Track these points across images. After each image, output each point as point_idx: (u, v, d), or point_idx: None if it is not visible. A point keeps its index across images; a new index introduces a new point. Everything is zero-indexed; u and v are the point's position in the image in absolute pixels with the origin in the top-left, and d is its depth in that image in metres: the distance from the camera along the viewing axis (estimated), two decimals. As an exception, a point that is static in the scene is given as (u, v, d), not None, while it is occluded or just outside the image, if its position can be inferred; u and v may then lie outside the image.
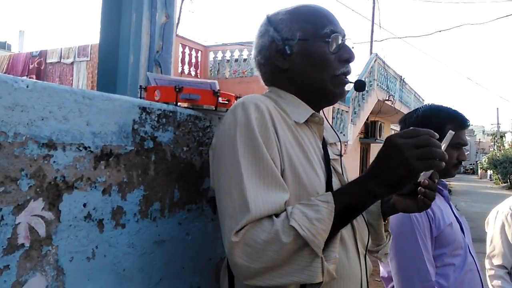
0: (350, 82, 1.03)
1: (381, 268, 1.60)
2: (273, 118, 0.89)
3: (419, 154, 0.76)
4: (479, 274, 1.51)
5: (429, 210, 1.43)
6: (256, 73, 1.10)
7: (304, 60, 0.99)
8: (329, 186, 0.92)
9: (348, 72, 1.02)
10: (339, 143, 1.10)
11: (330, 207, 0.79)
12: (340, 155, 1.08)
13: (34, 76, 9.89)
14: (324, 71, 0.98)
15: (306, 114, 0.98)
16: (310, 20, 0.99)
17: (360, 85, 1.03)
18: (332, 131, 1.11)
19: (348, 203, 0.81)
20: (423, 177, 0.93)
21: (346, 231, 0.92)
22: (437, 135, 0.79)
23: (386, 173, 0.78)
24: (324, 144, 1.02)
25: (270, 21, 1.03)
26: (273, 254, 0.76)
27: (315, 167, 0.92)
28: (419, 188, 0.93)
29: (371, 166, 0.82)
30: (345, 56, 1.00)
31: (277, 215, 0.80)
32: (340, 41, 0.99)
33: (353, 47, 1.02)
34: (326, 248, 0.80)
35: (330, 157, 1.00)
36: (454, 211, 1.57)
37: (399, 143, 0.77)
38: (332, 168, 0.99)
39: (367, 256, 0.99)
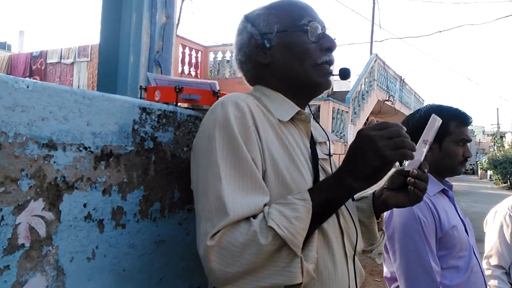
0: (334, 75, 1.00)
1: (384, 268, 1.59)
2: (254, 117, 0.87)
3: (392, 144, 0.76)
4: (483, 276, 1.50)
5: (434, 211, 1.42)
6: (240, 74, 1.07)
7: (284, 52, 0.97)
8: None
9: (331, 61, 0.99)
10: (329, 142, 1.06)
11: (308, 204, 0.78)
12: (329, 155, 1.05)
13: (37, 78, 9.89)
14: (305, 61, 0.96)
15: (291, 111, 0.95)
16: (287, 12, 0.98)
17: (344, 73, 1.01)
18: (322, 130, 1.08)
19: (325, 199, 0.80)
20: (410, 166, 0.91)
21: (333, 233, 0.89)
22: (405, 128, 0.79)
23: (360, 165, 0.78)
24: (313, 143, 1.00)
25: (247, 18, 1.01)
26: (251, 257, 0.74)
27: (300, 167, 0.89)
28: (408, 179, 0.92)
29: (345, 160, 0.81)
30: (326, 45, 0.97)
31: (254, 217, 0.78)
32: (319, 31, 0.97)
33: (335, 38, 1.00)
34: (305, 247, 0.78)
35: (319, 157, 0.98)
36: (459, 212, 1.56)
37: (372, 135, 0.77)
38: (320, 168, 0.96)
39: (356, 259, 0.96)
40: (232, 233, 0.76)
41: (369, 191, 1.09)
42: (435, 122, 0.93)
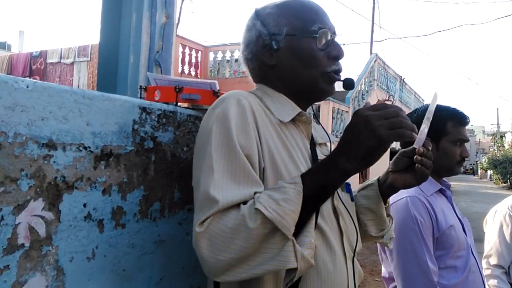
0: (340, 80, 1.00)
1: (382, 268, 1.59)
2: (255, 114, 0.87)
3: (388, 124, 0.75)
4: (481, 275, 1.50)
5: (431, 210, 1.43)
6: (245, 69, 1.07)
7: (291, 56, 0.96)
8: None
9: (339, 70, 0.98)
10: (330, 143, 1.06)
11: (298, 187, 0.77)
12: None
13: (37, 77, 9.89)
14: (312, 68, 0.95)
15: (292, 113, 0.95)
16: (298, 15, 0.96)
17: (348, 84, 1.00)
18: (323, 131, 1.08)
19: (318, 182, 0.79)
20: (416, 145, 0.93)
21: (332, 234, 0.89)
22: (405, 111, 0.78)
23: (355, 146, 0.76)
24: (313, 144, 1.00)
25: (258, 15, 1.00)
26: (242, 242, 0.73)
27: (300, 167, 0.88)
28: (415, 157, 0.93)
29: (340, 142, 0.80)
30: (334, 53, 0.96)
31: (245, 203, 0.77)
32: (329, 37, 0.96)
33: (343, 44, 1.00)
34: (300, 234, 0.77)
35: (319, 158, 0.97)
36: (457, 211, 1.57)
37: (368, 114, 0.76)
38: None
39: (355, 260, 0.96)
40: (222, 219, 0.75)
41: (373, 177, 1.10)
42: (436, 98, 0.96)
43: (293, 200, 0.75)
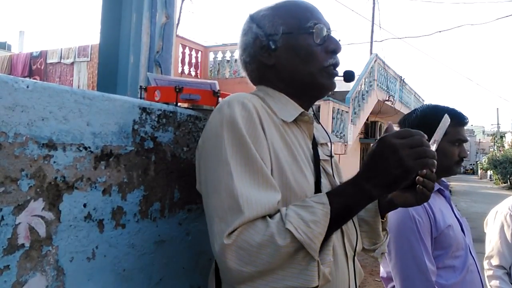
0: (339, 76, 1.01)
1: (381, 268, 1.60)
2: (260, 116, 0.87)
3: (414, 154, 0.76)
4: (480, 275, 1.50)
5: (429, 210, 1.43)
6: (244, 74, 1.07)
7: (289, 54, 0.97)
8: (317, 188, 0.90)
9: (337, 64, 0.99)
10: (330, 143, 1.07)
11: (326, 209, 0.78)
12: (331, 156, 1.05)
13: (37, 78, 9.89)
14: (311, 63, 0.96)
15: (295, 112, 0.95)
16: (293, 14, 0.98)
17: (348, 76, 1.01)
18: (324, 131, 1.08)
19: (344, 204, 0.80)
20: None
21: (335, 234, 0.88)
22: (426, 136, 0.80)
23: (382, 173, 0.78)
24: (314, 144, 1.00)
25: (253, 18, 1.01)
26: (268, 258, 0.74)
27: (303, 168, 0.89)
28: (417, 178, 0.93)
29: (365, 166, 0.81)
30: (331, 47, 0.98)
31: (270, 216, 0.78)
32: (325, 33, 0.97)
33: (339, 40, 1.00)
34: (321, 251, 0.78)
35: (320, 158, 0.98)
36: (455, 211, 1.57)
37: (394, 143, 0.77)
38: (322, 169, 0.97)
39: (355, 260, 0.97)
40: (249, 232, 0.75)
41: None
42: (447, 122, 0.96)
43: (321, 222, 0.77)
